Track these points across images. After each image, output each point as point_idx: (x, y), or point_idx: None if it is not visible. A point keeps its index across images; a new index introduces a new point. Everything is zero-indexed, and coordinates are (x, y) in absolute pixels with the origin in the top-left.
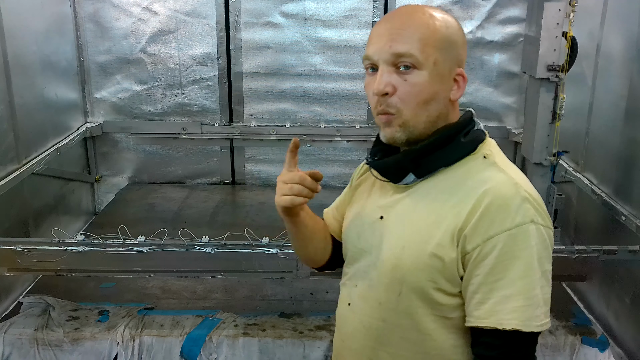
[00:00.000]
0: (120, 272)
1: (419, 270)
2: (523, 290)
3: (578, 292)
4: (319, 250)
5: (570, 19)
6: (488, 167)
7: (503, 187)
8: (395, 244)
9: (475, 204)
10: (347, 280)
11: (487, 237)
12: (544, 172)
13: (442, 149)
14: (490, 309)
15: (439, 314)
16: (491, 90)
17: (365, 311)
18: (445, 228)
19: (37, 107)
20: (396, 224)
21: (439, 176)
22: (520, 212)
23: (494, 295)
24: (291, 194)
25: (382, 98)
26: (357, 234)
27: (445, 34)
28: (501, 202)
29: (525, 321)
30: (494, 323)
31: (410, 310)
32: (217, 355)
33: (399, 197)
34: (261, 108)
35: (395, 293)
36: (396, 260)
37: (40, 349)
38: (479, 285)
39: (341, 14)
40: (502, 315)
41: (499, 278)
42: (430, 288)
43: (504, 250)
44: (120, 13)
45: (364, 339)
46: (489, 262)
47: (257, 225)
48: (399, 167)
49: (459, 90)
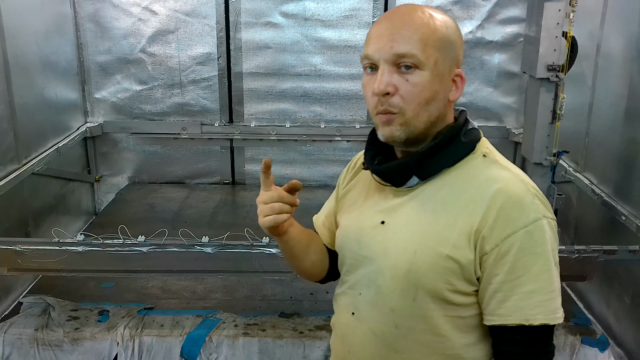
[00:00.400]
0: (120, 272)
1: (435, 273)
2: (545, 284)
3: (578, 292)
4: (317, 262)
5: (570, 19)
6: (490, 165)
7: (513, 185)
8: (405, 249)
9: (489, 204)
10: (348, 289)
11: (505, 236)
12: (544, 172)
13: (445, 149)
14: (514, 305)
15: (453, 314)
16: (491, 90)
17: (376, 319)
18: (460, 230)
19: (37, 107)
20: (402, 228)
21: (442, 177)
22: (533, 209)
23: (516, 292)
24: (272, 214)
25: (383, 98)
26: (356, 241)
27: (445, 34)
28: (515, 200)
29: (550, 314)
30: (521, 319)
31: (425, 313)
32: (217, 355)
33: (401, 200)
34: (261, 108)
35: (409, 298)
36: (409, 265)
37: (40, 349)
38: (500, 283)
39: (341, 14)
40: (527, 310)
41: (520, 275)
42: (446, 290)
43: (523, 247)
44: (120, 13)
45: (374, 347)
46: (508, 260)
47: (257, 225)
48: (403, 171)
49: (457, 91)
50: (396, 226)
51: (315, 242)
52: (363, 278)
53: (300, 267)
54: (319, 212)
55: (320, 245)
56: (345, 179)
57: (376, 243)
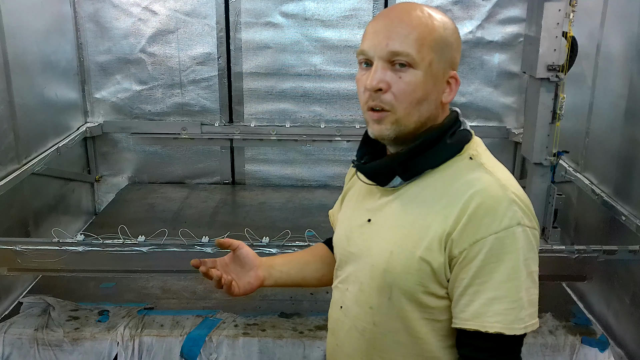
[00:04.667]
0: (120, 272)
1: (409, 274)
2: (508, 293)
3: (578, 292)
4: (327, 273)
5: (570, 19)
6: (475, 168)
7: (490, 190)
8: (384, 248)
9: (462, 208)
10: (339, 283)
11: (474, 241)
12: (544, 172)
13: (428, 151)
14: (474, 311)
15: (429, 317)
16: (491, 90)
17: (358, 315)
18: (434, 233)
19: (37, 107)
20: (384, 227)
21: (425, 178)
22: (508, 215)
23: (479, 298)
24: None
25: (374, 94)
26: (346, 238)
27: (442, 35)
28: (488, 205)
29: (509, 324)
30: (478, 326)
31: (401, 314)
32: (217, 355)
33: (387, 200)
34: (261, 108)
35: (385, 297)
36: (386, 265)
37: (40, 349)
38: (465, 287)
39: (341, 14)
40: (486, 318)
41: (484, 281)
42: (420, 292)
43: (491, 253)
44: (120, 13)
45: (357, 343)
46: (475, 265)
47: (257, 225)
48: (385, 171)
49: (450, 93)
50: (380, 225)
51: (313, 260)
52: (350, 274)
53: (310, 284)
54: (333, 207)
55: (322, 256)
56: (348, 177)
57: (362, 241)
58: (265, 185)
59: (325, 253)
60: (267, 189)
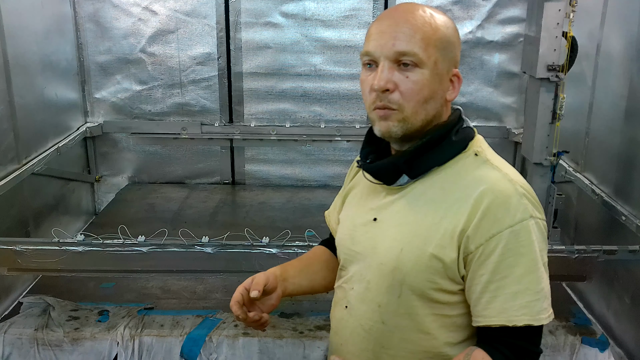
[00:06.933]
0: (120, 272)
1: (419, 271)
2: (530, 285)
3: (578, 292)
4: (331, 279)
5: (570, 19)
6: (481, 164)
7: (500, 185)
8: (392, 246)
9: (475, 204)
10: (343, 283)
11: (490, 235)
12: (544, 172)
13: (434, 148)
14: (499, 307)
15: (439, 312)
16: (491, 90)
17: (365, 314)
18: (445, 229)
19: (37, 107)
20: (391, 226)
21: (432, 176)
22: (520, 209)
23: (502, 293)
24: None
25: (382, 94)
26: (350, 237)
27: (445, 34)
28: (501, 200)
29: (535, 315)
30: (505, 321)
31: (410, 311)
32: (217, 355)
33: (392, 198)
34: (261, 108)
35: (395, 295)
36: (395, 263)
37: (40, 349)
38: (486, 284)
39: (341, 14)
40: (512, 312)
41: (505, 275)
42: (430, 288)
43: (508, 247)
44: (120, 13)
45: (364, 342)
46: (493, 260)
47: (257, 225)
48: (392, 169)
49: (454, 91)
50: (386, 224)
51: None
52: (355, 273)
53: (319, 291)
54: (330, 208)
55: (326, 262)
56: (349, 177)
57: (367, 240)
58: (265, 185)
59: (328, 258)
60: (267, 189)
